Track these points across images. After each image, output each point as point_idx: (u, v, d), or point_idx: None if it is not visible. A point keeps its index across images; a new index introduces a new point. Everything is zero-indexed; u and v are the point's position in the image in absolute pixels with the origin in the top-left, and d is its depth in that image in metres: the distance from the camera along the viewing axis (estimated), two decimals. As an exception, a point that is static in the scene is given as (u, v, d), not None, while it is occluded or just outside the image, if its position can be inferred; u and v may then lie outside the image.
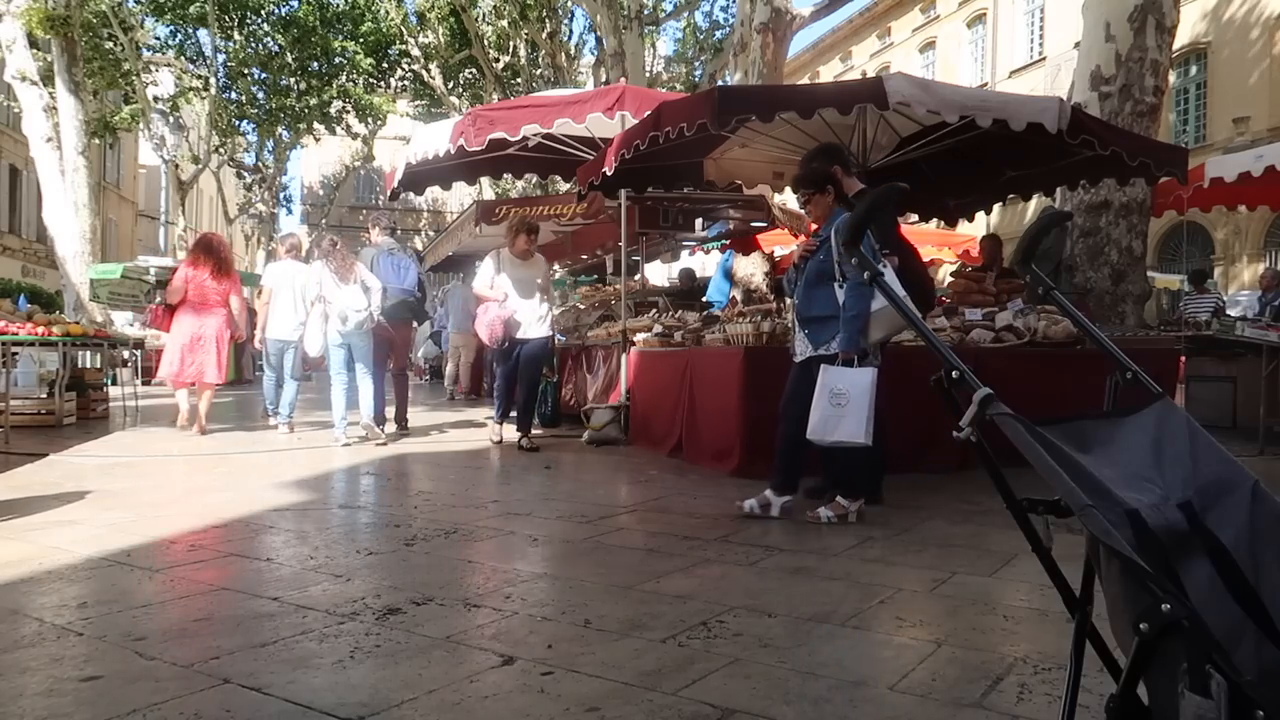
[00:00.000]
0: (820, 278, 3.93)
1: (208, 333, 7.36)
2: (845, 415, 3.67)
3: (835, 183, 4.07)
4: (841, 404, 3.67)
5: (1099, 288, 8.15)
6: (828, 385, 3.70)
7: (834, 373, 3.74)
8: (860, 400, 3.68)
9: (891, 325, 3.89)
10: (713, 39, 23.74)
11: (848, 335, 3.78)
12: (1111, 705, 1.18)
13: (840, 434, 3.69)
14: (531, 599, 2.72)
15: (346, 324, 6.75)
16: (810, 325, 4.03)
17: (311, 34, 25.95)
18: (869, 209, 1.65)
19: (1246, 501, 1.24)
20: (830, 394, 3.69)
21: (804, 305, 4.05)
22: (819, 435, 3.72)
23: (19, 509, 4.22)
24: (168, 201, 36.93)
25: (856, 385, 3.70)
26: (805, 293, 4.02)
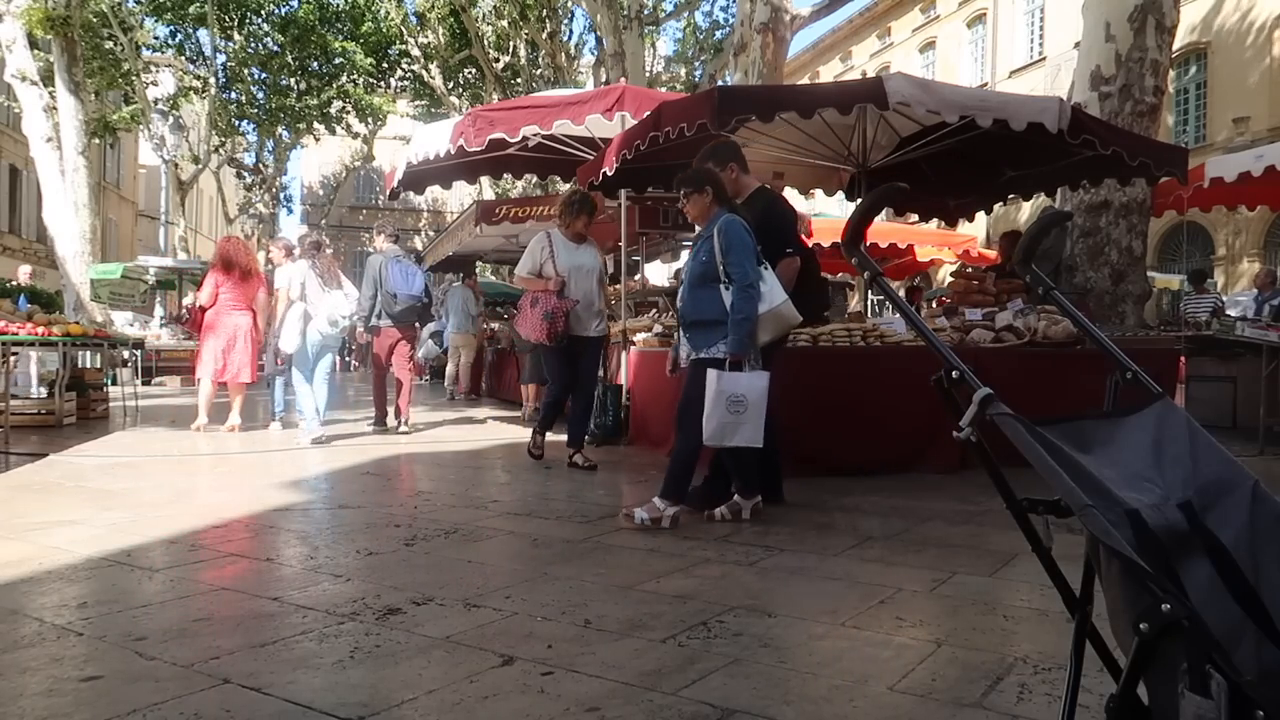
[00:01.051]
0: (703, 280, 3.85)
1: (240, 334, 7.72)
2: (744, 421, 3.64)
3: (714, 183, 4.00)
4: (740, 410, 3.63)
5: (1099, 288, 8.14)
6: (724, 392, 3.63)
7: (729, 379, 3.66)
8: (758, 405, 3.66)
9: (777, 328, 3.86)
10: (713, 39, 23.75)
11: (737, 339, 3.71)
12: (1111, 705, 1.18)
13: (739, 439, 3.68)
14: (531, 599, 2.72)
15: (335, 326, 6.97)
16: (693, 329, 3.93)
17: (311, 34, 25.96)
18: (868, 209, 1.65)
19: (1246, 501, 1.24)
20: (728, 400, 3.63)
21: (688, 308, 3.95)
22: (717, 441, 3.69)
23: (19, 509, 4.22)
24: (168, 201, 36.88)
25: (754, 390, 3.66)
26: (689, 295, 3.93)
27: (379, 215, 44.29)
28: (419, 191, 9.77)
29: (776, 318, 3.81)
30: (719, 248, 3.76)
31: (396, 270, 7.75)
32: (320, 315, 6.97)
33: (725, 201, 3.98)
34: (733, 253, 3.74)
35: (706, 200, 3.96)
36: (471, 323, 12.60)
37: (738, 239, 3.76)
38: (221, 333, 7.66)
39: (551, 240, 5.64)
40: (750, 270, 3.72)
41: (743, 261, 3.72)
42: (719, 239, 3.77)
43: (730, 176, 4.24)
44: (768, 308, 3.76)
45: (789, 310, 3.84)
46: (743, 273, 3.71)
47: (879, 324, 6.03)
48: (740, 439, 3.68)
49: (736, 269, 3.72)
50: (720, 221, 3.83)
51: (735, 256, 3.73)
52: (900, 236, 12.80)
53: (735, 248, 3.74)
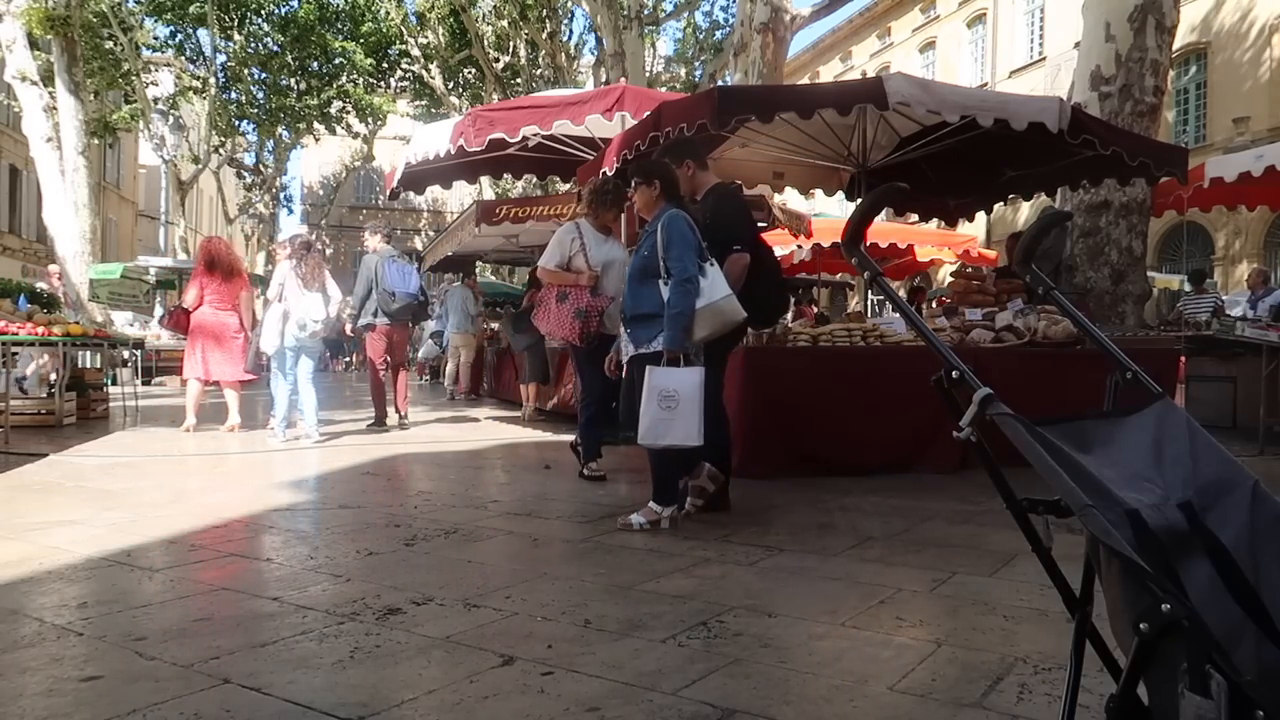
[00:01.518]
0: (645, 274, 3.78)
1: (226, 334, 7.73)
2: (676, 418, 3.56)
3: (663, 177, 3.94)
4: (672, 406, 3.55)
5: (1099, 288, 8.15)
6: (656, 387, 3.57)
7: (661, 374, 3.61)
8: (691, 401, 3.57)
9: (715, 324, 3.76)
10: (713, 39, 23.77)
11: (672, 334, 3.63)
12: (1111, 705, 1.18)
13: (672, 437, 3.58)
14: (531, 599, 2.72)
15: (304, 330, 7.02)
16: (635, 324, 3.86)
17: (311, 34, 25.97)
18: (868, 209, 1.65)
19: (1246, 501, 1.24)
20: (660, 396, 3.56)
21: (629, 303, 3.89)
22: (650, 440, 3.61)
23: (19, 509, 4.22)
24: (168, 201, 36.92)
25: (686, 386, 3.58)
26: (631, 290, 3.88)
27: (379, 215, 44.33)
28: (419, 191, 9.78)
29: (715, 313, 3.72)
30: (661, 243, 3.71)
31: (393, 269, 7.87)
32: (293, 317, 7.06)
33: (673, 197, 3.92)
34: (673, 247, 3.68)
35: (654, 194, 3.91)
36: (471, 323, 12.61)
37: (679, 234, 3.71)
38: (206, 333, 7.66)
39: (582, 231, 5.23)
40: (689, 265, 3.66)
41: (682, 256, 3.66)
42: (661, 234, 3.72)
43: (686, 174, 4.18)
44: (706, 303, 3.68)
45: (730, 306, 3.75)
46: (681, 267, 3.65)
47: (879, 324, 6.03)
48: (674, 437, 3.58)
49: (675, 264, 3.66)
50: (664, 217, 3.78)
51: (675, 251, 3.67)
52: (900, 236, 12.81)
53: (676, 242, 3.69)
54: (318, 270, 7.23)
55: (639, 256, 3.84)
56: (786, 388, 5.28)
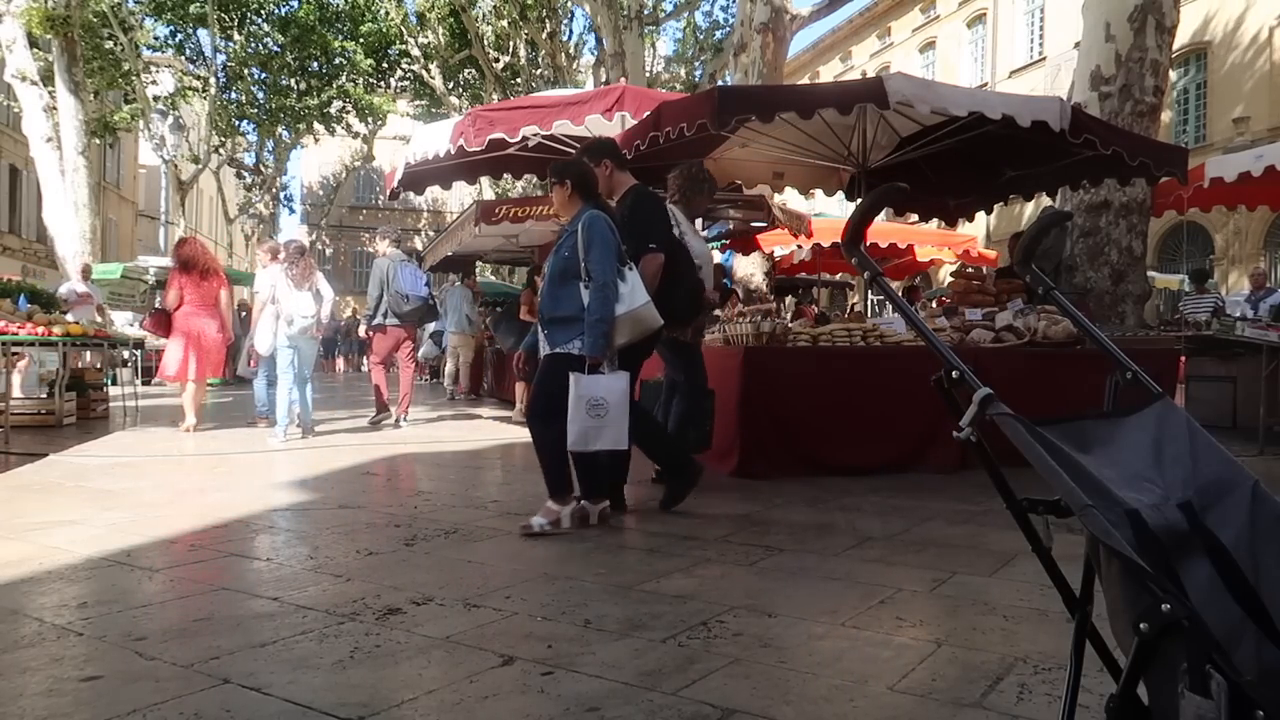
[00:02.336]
0: (564, 276, 3.72)
1: (206, 333, 7.80)
2: (606, 425, 3.56)
3: (577, 176, 3.88)
4: (601, 414, 3.55)
5: (1099, 288, 8.15)
6: (584, 396, 3.54)
7: (588, 382, 3.56)
8: (619, 407, 3.58)
9: (634, 330, 3.72)
10: (713, 39, 23.74)
11: (594, 340, 3.58)
12: (1111, 705, 1.18)
13: (602, 443, 3.59)
14: (531, 599, 2.72)
15: (292, 327, 7.17)
16: (551, 325, 3.80)
17: (311, 34, 25.96)
18: (868, 209, 1.65)
19: (1246, 501, 1.24)
20: (588, 405, 3.54)
21: (548, 304, 3.81)
22: (580, 447, 3.59)
23: (19, 509, 4.22)
24: (168, 201, 36.89)
25: (614, 392, 3.57)
26: (550, 291, 3.80)
27: (379, 215, 44.35)
28: (419, 191, 9.77)
29: (635, 320, 3.69)
30: (581, 244, 3.65)
31: (406, 272, 8.21)
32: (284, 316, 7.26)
33: (590, 197, 3.86)
34: (594, 250, 3.63)
35: (566, 194, 3.85)
36: (470, 323, 12.62)
37: (600, 236, 3.65)
38: (186, 334, 7.75)
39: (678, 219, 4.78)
40: (608, 270, 3.62)
41: (603, 260, 3.62)
42: (582, 235, 3.66)
43: (604, 173, 4.15)
44: (626, 310, 3.64)
45: (649, 313, 3.73)
46: (600, 271, 3.60)
47: (879, 324, 6.03)
48: (604, 443, 3.59)
49: (595, 267, 3.61)
50: (584, 218, 3.73)
51: (596, 254, 3.62)
52: (900, 236, 12.81)
53: (596, 245, 3.63)
54: (309, 272, 7.43)
55: (559, 257, 3.77)
56: (786, 388, 5.28)
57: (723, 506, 4.33)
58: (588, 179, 3.92)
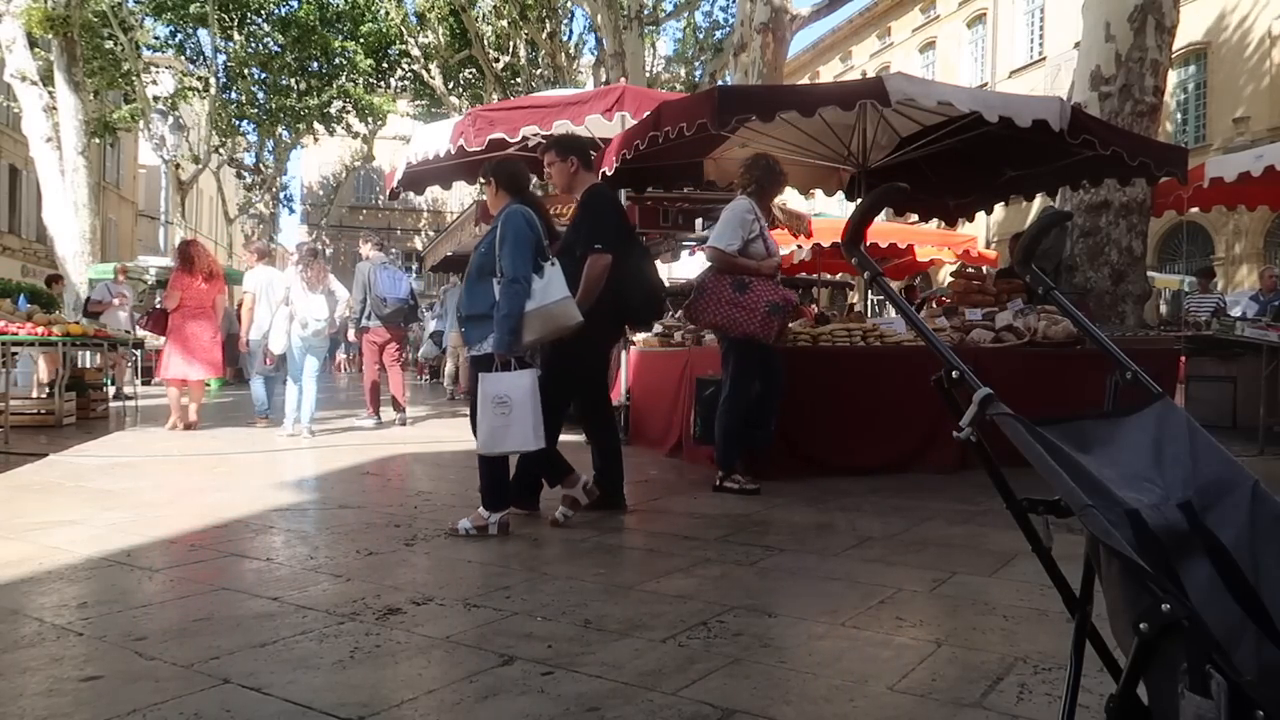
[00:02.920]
0: (481, 273, 3.67)
1: (201, 336, 8.03)
2: (512, 423, 3.48)
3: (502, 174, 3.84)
4: (505, 412, 3.47)
5: (1099, 288, 8.14)
6: (489, 394, 3.49)
7: (492, 379, 3.51)
8: (524, 405, 3.49)
9: (546, 327, 3.63)
10: (713, 39, 23.73)
11: (499, 336, 3.53)
12: (1111, 705, 1.18)
13: (510, 443, 3.52)
14: (531, 599, 2.72)
15: (306, 329, 7.44)
16: (468, 324, 3.75)
17: (311, 34, 25.95)
18: (868, 209, 1.65)
19: (1246, 501, 1.24)
20: (493, 403, 3.47)
21: (465, 302, 3.77)
22: (489, 447, 3.53)
23: (19, 509, 4.22)
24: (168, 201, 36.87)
25: (517, 390, 3.50)
26: (467, 288, 3.76)
27: (379, 215, 44.34)
28: (419, 192, 9.78)
29: (547, 317, 3.59)
30: (497, 240, 3.61)
31: (384, 276, 8.46)
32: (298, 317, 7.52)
33: (516, 193, 3.81)
34: (506, 245, 3.57)
35: (492, 191, 3.84)
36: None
37: (514, 231, 3.59)
38: (185, 333, 7.94)
39: (757, 214, 4.59)
40: (517, 265, 3.55)
41: (513, 255, 3.55)
42: (498, 231, 3.62)
43: (569, 169, 4.12)
44: (537, 306, 3.56)
45: (563, 310, 3.62)
46: (509, 266, 3.54)
47: (879, 324, 6.03)
48: (512, 443, 3.51)
49: (506, 262, 3.55)
50: (503, 213, 3.68)
51: (507, 249, 3.56)
52: (900, 236, 12.79)
53: (509, 240, 3.57)
54: (322, 274, 7.66)
55: (477, 254, 3.72)
56: (786, 388, 5.27)
57: (723, 506, 4.33)
58: (514, 175, 3.88)
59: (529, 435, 3.52)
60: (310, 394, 7.57)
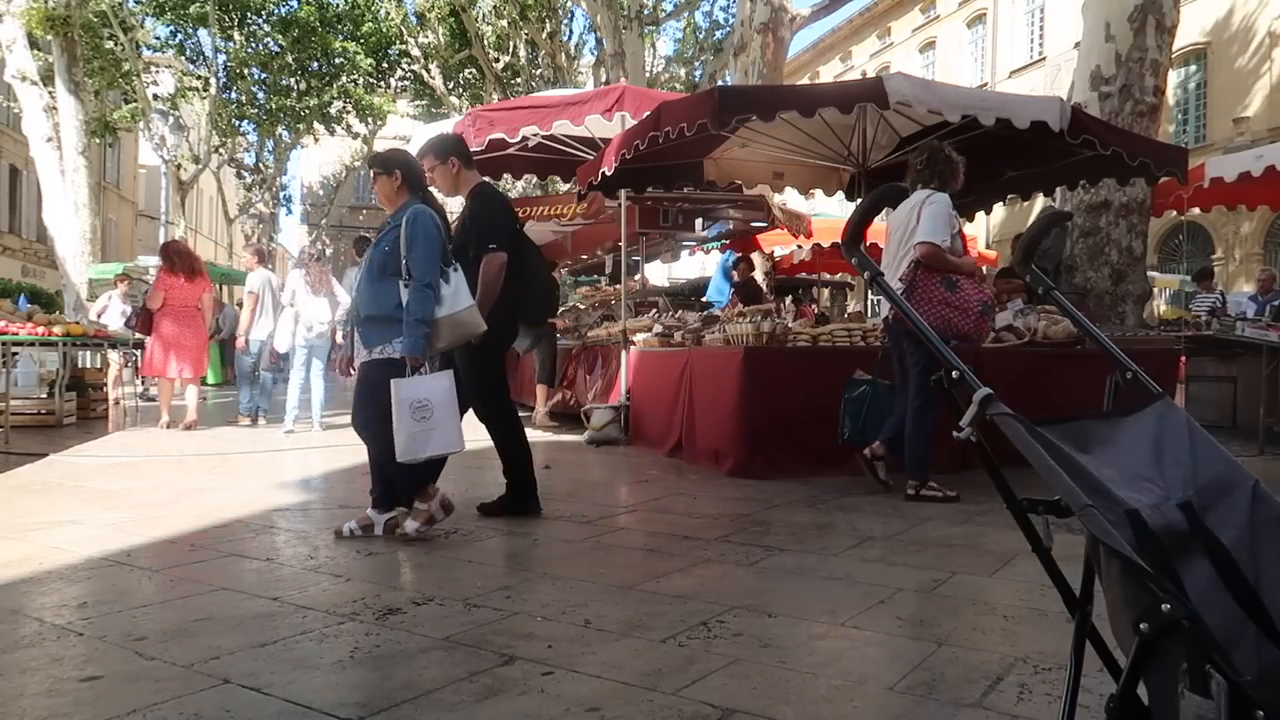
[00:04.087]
0: (383, 272, 3.54)
1: (189, 332, 8.16)
2: (434, 427, 3.40)
3: (406, 168, 3.70)
4: (427, 417, 3.38)
5: (1099, 288, 8.14)
6: (406, 400, 3.38)
7: (409, 385, 3.40)
8: (446, 408, 3.43)
9: (454, 335, 3.57)
10: (713, 39, 23.73)
11: (413, 340, 3.42)
12: (1111, 705, 1.18)
13: (434, 448, 3.44)
14: (531, 599, 2.72)
15: (311, 331, 7.69)
16: (367, 324, 3.61)
17: (311, 34, 25.94)
18: (868, 209, 1.65)
19: (1246, 501, 1.24)
20: (411, 409, 3.37)
21: (364, 302, 3.61)
22: (412, 454, 3.41)
23: (19, 509, 4.22)
24: (168, 201, 36.87)
25: (438, 393, 3.42)
26: (367, 288, 3.60)
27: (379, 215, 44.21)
28: (419, 191, 9.77)
29: (455, 324, 3.54)
30: (404, 240, 3.49)
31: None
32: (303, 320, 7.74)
33: (417, 189, 3.70)
34: (416, 247, 3.47)
35: (394, 184, 3.68)
36: None
37: (424, 233, 3.49)
38: (169, 331, 8.06)
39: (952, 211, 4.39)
40: (430, 269, 3.47)
41: (424, 258, 3.46)
42: (405, 230, 3.50)
43: (451, 171, 4.04)
44: (447, 313, 3.50)
45: (470, 317, 3.59)
46: (421, 271, 3.45)
47: (879, 324, 6.03)
48: (435, 447, 3.44)
49: (416, 265, 3.45)
50: (409, 212, 3.56)
51: (418, 252, 3.46)
52: (900, 236, 12.78)
53: (420, 242, 3.47)
54: (325, 277, 7.87)
55: (378, 251, 3.59)
56: (786, 388, 5.28)
57: (723, 506, 4.33)
58: (417, 171, 3.78)
59: (453, 438, 3.46)
60: (318, 392, 7.88)
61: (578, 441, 7.11)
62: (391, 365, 3.50)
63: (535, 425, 8.59)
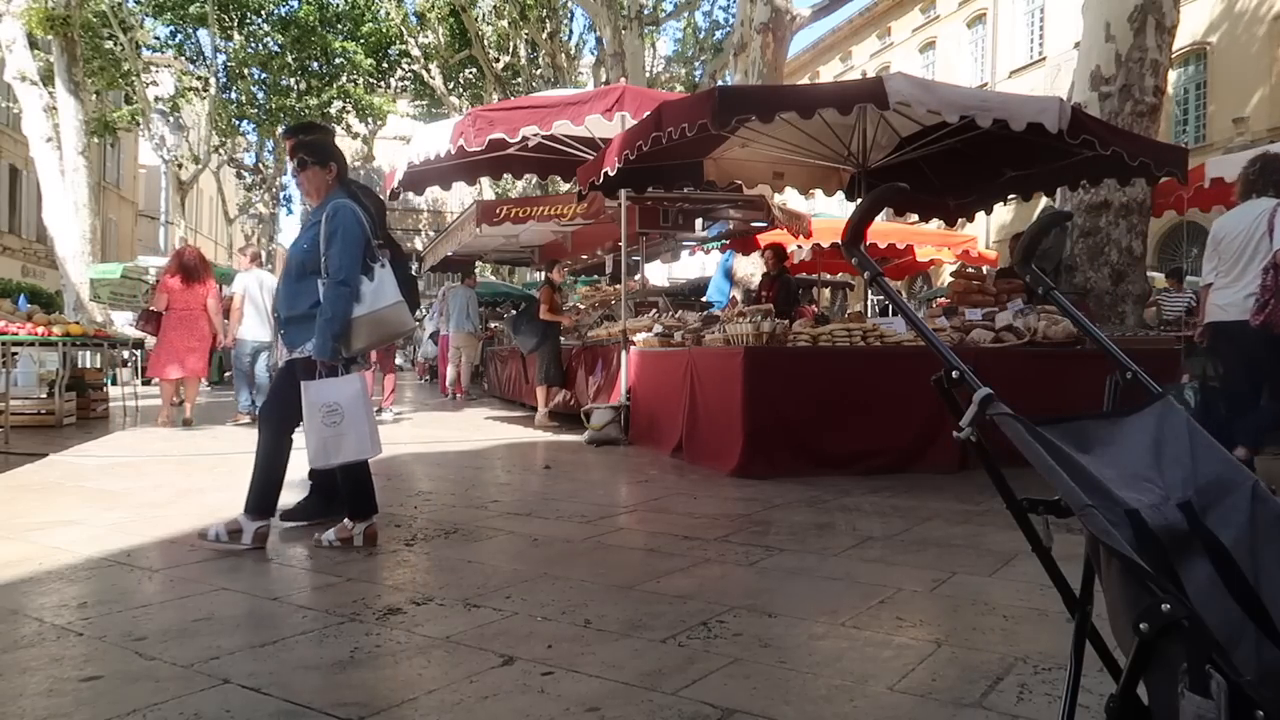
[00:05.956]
0: (303, 270, 3.41)
1: (185, 335, 8.29)
2: (345, 432, 3.28)
3: (341, 161, 3.57)
4: (337, 421, 3.26)
5: (1099, 288, 8.14)
6: (316, 403, 3.26)
7: (318, 388, 3.28)
8: (356, 412, 3.30)
9: (377, 334, 3.45)
10: (713, 39, 23.73)
11: (322, 341, 3.28)
12: (1111, 705, 1.18)
13: (345, 454, 3.32)
14: (531, 599, 2.72)
15: None
16: (289, 325, 3.47)
17: (311, 34, 25.95)
18: (868, 209, 1.65)
19: (1246, 501, 1.24)
20: (322, 413, 3.25)
21: (284, 301, 3.48)
22: (324, 459, 3.31)
23: (19, 509, 4.22)
24: (168, 201, 36.92)
25: (348, 396, 3.30)
26: (286, 287, 3.47)
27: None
28: (419, 192, 9.78)
29: (377, 322, 3.40)
30: (324, 235, 3.34)
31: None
32: None
33: (346, 184, 3.55)
34: (335, 243, 3.32)
35: (329, 177, 3.52)
36: (470, 323, 12.66)
37: (345, 229, 3.34)
38: (173, 332, 8.23)
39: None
40: (347, 265, 3.32)
41: (343, 254, 3.32)
42: (325, 226, 3.35)
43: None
44: (367, 311, 3.36)
45: (395, 315, 3.45)
46: (338, 267, 3.31)
47: (879, 324, 6.03)
48: (346, 453, 3.31)
49: (334, 262, 3.31)
50: (330, 206, 3.40)
51: (337, 248, 3.32)
52: (900, 236, 12.80)
53: (339, 237, 3.32)
54: None
55: (298, 249, 3.46)
56: (786, 388, 5.28)
57: (723, 506, 4.33)
58: (345, 165, 3.63)
59: (366, 443, 3.34)
60: None
61: (578, 441, 7.11)
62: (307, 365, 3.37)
63: (535, 426, 8.60)
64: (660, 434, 6.56)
